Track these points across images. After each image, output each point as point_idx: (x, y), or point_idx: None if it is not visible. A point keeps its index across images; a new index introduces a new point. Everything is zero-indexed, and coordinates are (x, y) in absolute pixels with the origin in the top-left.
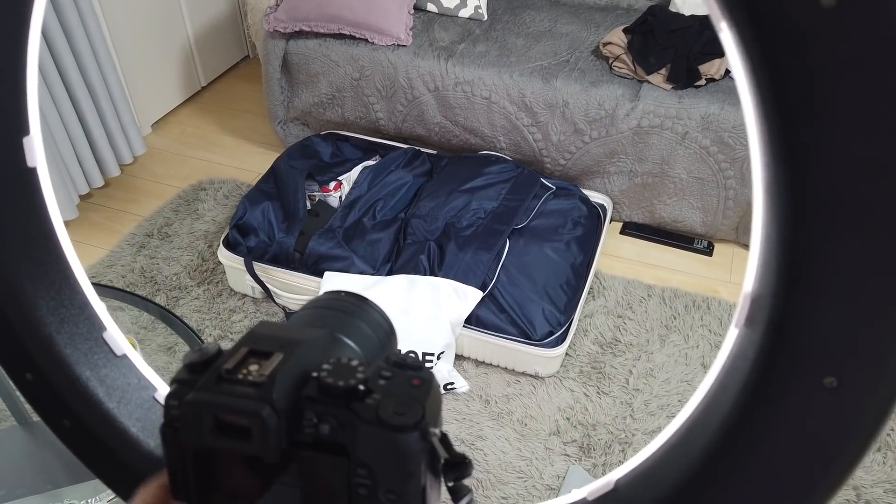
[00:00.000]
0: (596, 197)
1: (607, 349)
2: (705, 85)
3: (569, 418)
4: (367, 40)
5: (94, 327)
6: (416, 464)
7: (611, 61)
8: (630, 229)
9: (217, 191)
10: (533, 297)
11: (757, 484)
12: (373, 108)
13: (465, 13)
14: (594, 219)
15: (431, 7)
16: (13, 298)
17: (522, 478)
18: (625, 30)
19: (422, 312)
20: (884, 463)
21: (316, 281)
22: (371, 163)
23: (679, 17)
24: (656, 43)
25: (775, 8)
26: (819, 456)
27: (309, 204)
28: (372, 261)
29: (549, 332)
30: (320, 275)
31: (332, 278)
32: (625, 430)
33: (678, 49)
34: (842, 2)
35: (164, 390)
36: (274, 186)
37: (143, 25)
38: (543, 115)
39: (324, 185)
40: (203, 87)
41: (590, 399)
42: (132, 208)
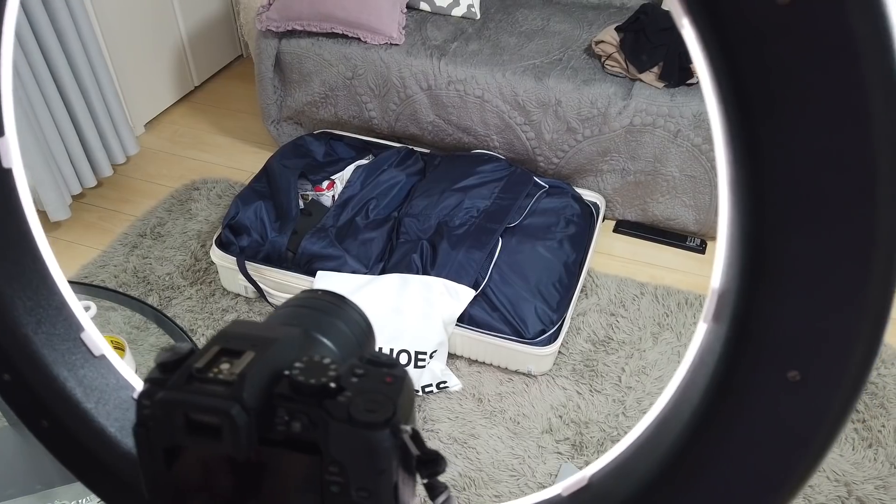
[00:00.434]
0: (589, 195)
1: (600, 347)
2: (697, 83)
3: (561, 416)
4: (359, 39)
5: (72, 328)
6: (388, 461)
7: (603, 60)
8: (623, 227)
9: (210, 190)
10: (525, 296)
11: (725, 477)
12: (366, 107)
13: (458, 12)
14: (587, 217)
15: (424, 6)
16: None
17: (515, 476)
18: (617, 28)
19: (414, 311)
20: (875, 459)
21: (309, 280)
22: (364, 162)
23: (671, 16)
24: (648, 41)
25: (733, 5)
26: (785, 449)
27: (302, 203)
28: (365, 260)
29: (541, 330)
30: (313, 274)
31: (324, 277)
32: (617, 428)
33: (670, 47)
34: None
35: None
36: (267, 186)
37: (136, 25)
38: (536, 114)
39: (317, 184)
40: (196, 87)
41: (582, 397)
42: (125, 208)
